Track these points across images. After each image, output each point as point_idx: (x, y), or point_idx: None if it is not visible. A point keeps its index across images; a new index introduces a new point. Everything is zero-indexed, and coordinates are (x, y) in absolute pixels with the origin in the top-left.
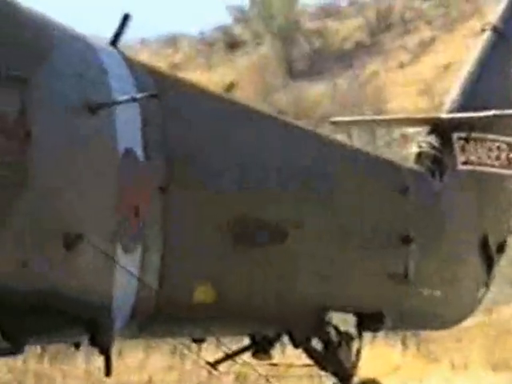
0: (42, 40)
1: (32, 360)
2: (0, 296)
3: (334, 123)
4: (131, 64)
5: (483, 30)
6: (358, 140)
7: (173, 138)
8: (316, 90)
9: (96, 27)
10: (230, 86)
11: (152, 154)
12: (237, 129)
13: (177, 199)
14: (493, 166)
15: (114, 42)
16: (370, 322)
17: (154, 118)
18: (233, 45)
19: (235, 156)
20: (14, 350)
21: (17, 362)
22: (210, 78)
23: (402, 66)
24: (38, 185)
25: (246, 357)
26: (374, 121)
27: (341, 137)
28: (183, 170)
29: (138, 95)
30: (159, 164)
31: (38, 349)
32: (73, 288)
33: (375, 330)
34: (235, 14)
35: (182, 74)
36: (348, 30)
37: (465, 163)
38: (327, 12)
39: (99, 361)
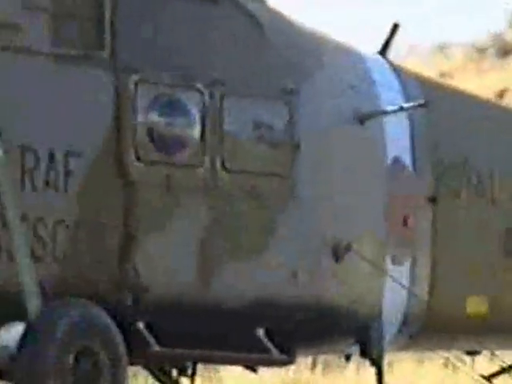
0: (310, 53)
1: (304, 371)
2: (272, 307)
3: None
4: (399, 73)
5: None
6: None
7: (440, 146)
8: None
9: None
10: (502, 93)
11: (420, 163)
12: (506, 136)
13: (446, 209)
14: None
15: (383, 51)
16: None
17: (422, 126)
18: (505, 51)
19: (506, 164)
20: (287, 360)
21: (288, 372)
22: (480, 84)
23: None
24: (307, 196)
25: None
26: None
27: None
28: (451, 179)
29: (407, 105)
30: (427, 173)
31: (310, 359)
32: (342, 299)
33: None
34: (510, 19)
35: (451, 82)
36: None
37: None
38: None
39: (370, 373)
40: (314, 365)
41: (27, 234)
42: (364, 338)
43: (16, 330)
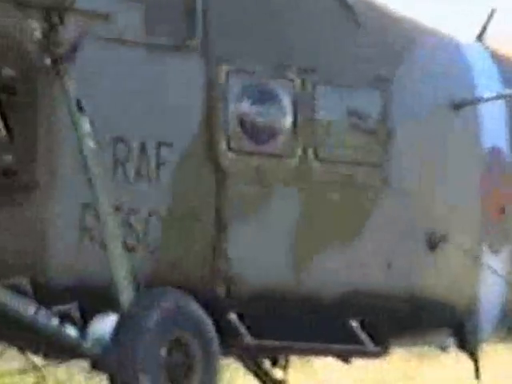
0: (404, 40)
1: (398, 362)
2: (366, 297)
3: None
4: (498, 60)
5: None
6: None
7: None
8: None
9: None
10: None
11: None
12: None
13: None
14: None
15: (480, 37)
16: None
17: None
18: None
19: None
20: (381, 352)
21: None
22: None
23: None
24: (401, 185)
25: None
26: None
27: None
28: None
29: (505, 92)
30: None
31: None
32: (437, 289)
33: None
34: None
35: None
36: None
37: None
38: None
39: (468, 364)
40: (408, 356)
41: (120, 225)
42: (460, 330)
43: (109, 321)
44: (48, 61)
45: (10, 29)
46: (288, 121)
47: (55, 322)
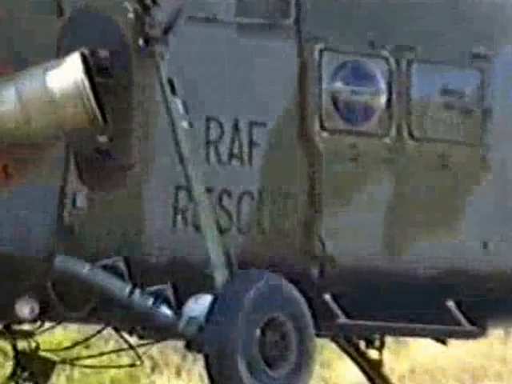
0: (502, 19)
1: (497, 344)
2: (462, 278)
3: None
4: None
5: None
6: None
7: None
8: None
9: None
10: None
11: None
12: None
13: None
14: None
15: None
16: None
17: None
18: None
19: None
20: (478, 333)
21: (481, 346)
22: None
23: None
24: (498, 164)
25: None
26: None
27: None
28: None
29: None
30: None
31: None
32: None
33: None
34: None
35: None
36: None
37: None
38: None
39: None
40: (506, 338)
41: (213, 206)
42: None
43: (204, 301)
44: (141, 42)
45: (104, 11)
46: (382, 99)
47: (150, 302)
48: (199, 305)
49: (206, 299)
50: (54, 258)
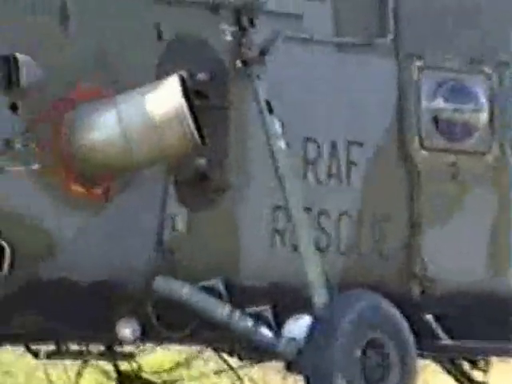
0: None
1: None
2: None
3: None
4: None
5: None
6: None
7: None
8: None
9: None
10: None
11: None
12: None
13: None
14: None
15: None
16: None
17: None
18: None
19: None
20: None
21: None
22: None
23: None
24: None
25: None
26: None
27: None
28: None
29: None
30: None
31: None
32: None
33: None
34: None
35: None
36: None
37: None
38: None
39: None
40: None
41: (311, 226)
42: None
43: (303, 322)
44: (239, 63)
45: (203, 33)
46: (484, 117)
47: (250, 323)
48: (298, 326)
49: (305, 320)
50: (154, 280)
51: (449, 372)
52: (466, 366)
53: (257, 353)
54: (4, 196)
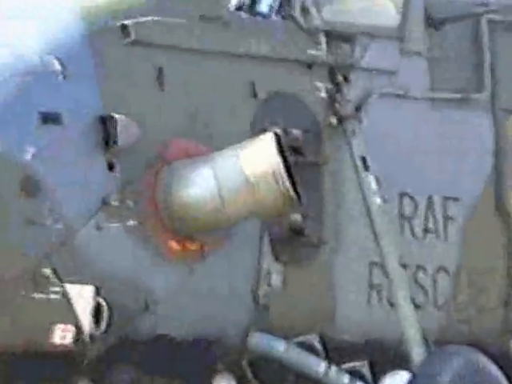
0: None
1: None
2: None
3: None
4: None
5: None
6: None
7: None
8: None
9: None
10: None
11: None
12: None
13: None
14: None
15: None
16: None
17: None
18: None
19: None
20: None
21: None
22: None
23: None
24: None
25: None
26: None
27: None
28: None
29: None
30: None
31: None
32: None
33: None
34: None
35: None
36: None
37: None
38: None
39: None
40: None
41: (408, 282)
42: None
43: (400, 378)
44: (334, 120)
45: (297, 90)
46: None
47: (346, 379)
48: (396, 382)
49: (402, 376)
50: (249, 336)
51: None
52: None
53: None
54: (101, 253)
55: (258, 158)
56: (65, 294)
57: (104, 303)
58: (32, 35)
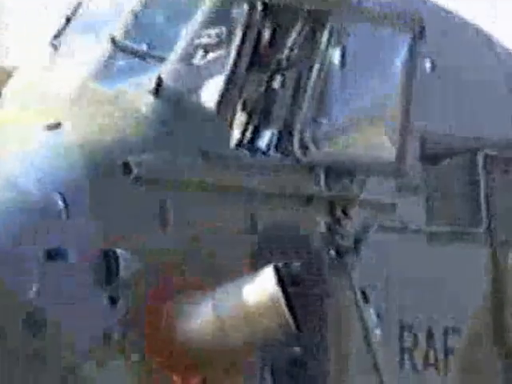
0: None
1: None
2: None
3: None
4: None
5: None
6: None
7: None
8: None
9: None
10: None
11: None
12: None
13: None
14: None
15: None
16: None
17: None
18: None
19: None
20: None
21: None
22: None
23: None
24: None
25: None
26: None
27: None
28: None
29: None
30: None
31: None
32: None
33: None
34: None
35: None
36: None
37: None
38: None
39: None
40: None
41: None
42: None
43: None
44: (333, 253)
45: (296, 223)
46: None
47: None
48: None
49: None
50: None
51: None
52: None
53: None
54: None
55: (258, 290)
56: None
57: None
58: (35, 171)
